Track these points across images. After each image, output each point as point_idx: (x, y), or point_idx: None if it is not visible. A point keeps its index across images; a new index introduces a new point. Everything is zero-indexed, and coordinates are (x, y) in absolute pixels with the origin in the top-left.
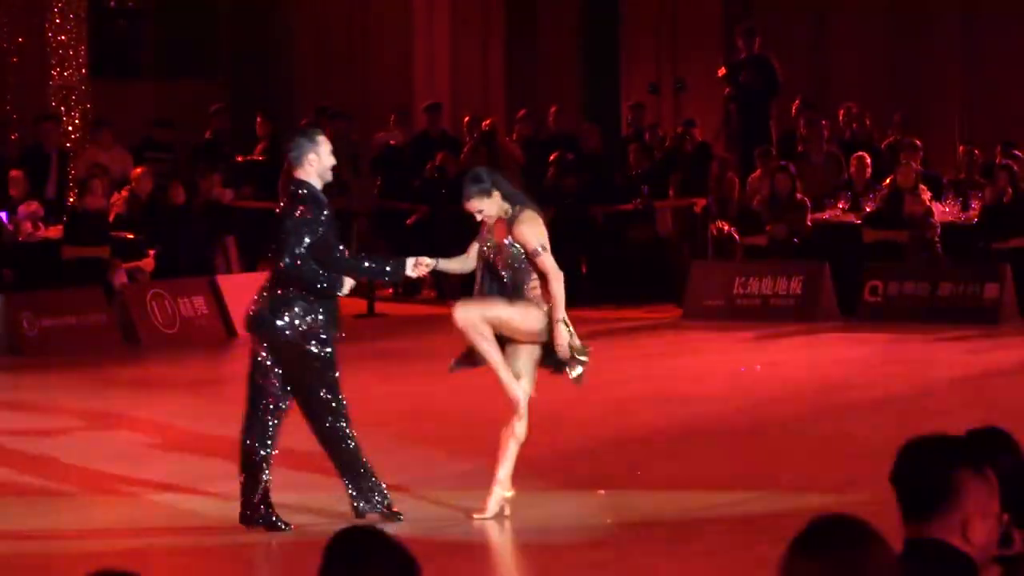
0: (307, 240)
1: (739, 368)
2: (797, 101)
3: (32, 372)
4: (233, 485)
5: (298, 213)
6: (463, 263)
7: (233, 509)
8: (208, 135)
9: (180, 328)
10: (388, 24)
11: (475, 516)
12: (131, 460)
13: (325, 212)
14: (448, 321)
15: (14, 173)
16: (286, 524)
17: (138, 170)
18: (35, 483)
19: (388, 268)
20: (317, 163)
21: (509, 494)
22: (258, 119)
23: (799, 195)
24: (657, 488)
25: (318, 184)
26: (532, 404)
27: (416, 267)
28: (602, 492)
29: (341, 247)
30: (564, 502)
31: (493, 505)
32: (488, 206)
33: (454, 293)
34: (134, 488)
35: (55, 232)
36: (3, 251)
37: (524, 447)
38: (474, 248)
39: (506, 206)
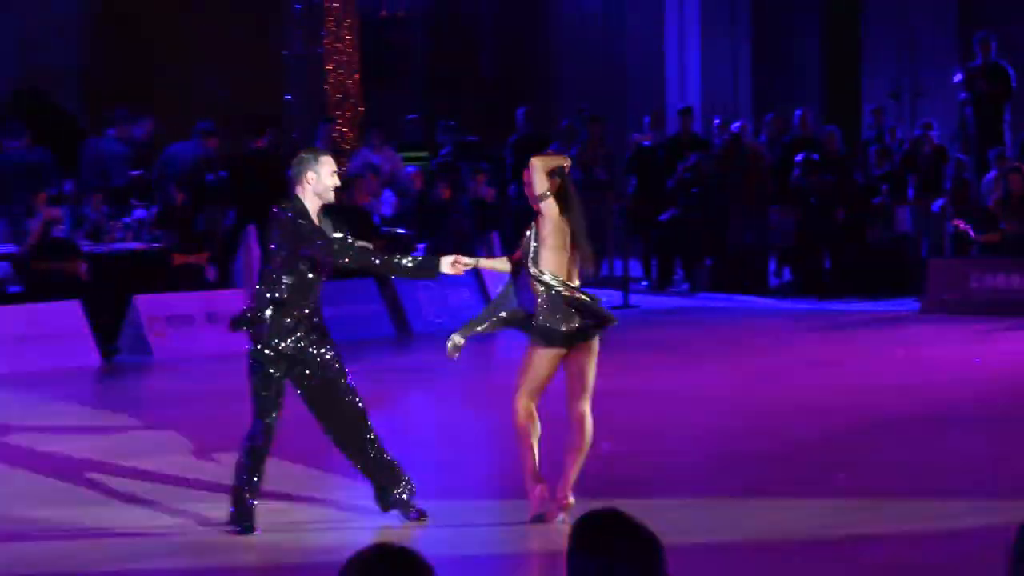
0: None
1: (975, 359)
2: None
3: None
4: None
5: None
6: (504, 264)
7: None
8: (473, 137)
9: (448, 318)
10: (642, 32)
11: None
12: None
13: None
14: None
15: None
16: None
17: (411, 169)
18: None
19: (422, 266)
20: (316, 182)
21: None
22: (518, 117)
23: None
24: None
25: (312, 203)
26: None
27: (453, 265)
28: (841, 475)
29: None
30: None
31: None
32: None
33: (704, 286)
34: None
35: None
36: None
37: (757, 437)
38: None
39: None
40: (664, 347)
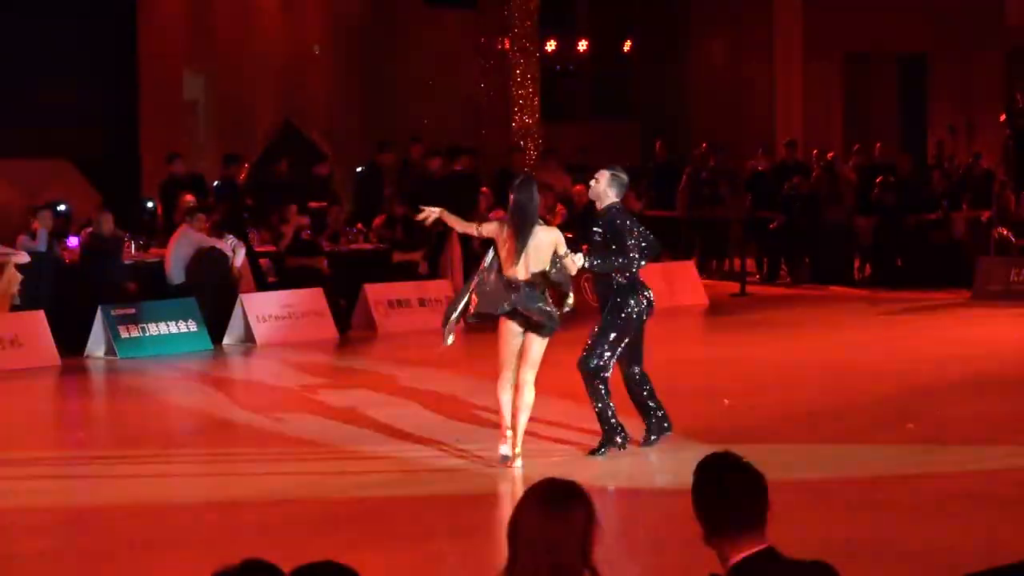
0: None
1: (1015, 336)
2: None
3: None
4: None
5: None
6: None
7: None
8: (627, 162)
9: None
10: (758, 79)
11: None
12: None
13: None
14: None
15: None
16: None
17: (578, 187)
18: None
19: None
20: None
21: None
22: (656, 145)
23: None
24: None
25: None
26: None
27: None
28: (911, 426)
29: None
30: (878, 429)
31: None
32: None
33: (803, 279)
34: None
35: None
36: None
37: (845, 395)
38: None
39: None
40: (772, 325)
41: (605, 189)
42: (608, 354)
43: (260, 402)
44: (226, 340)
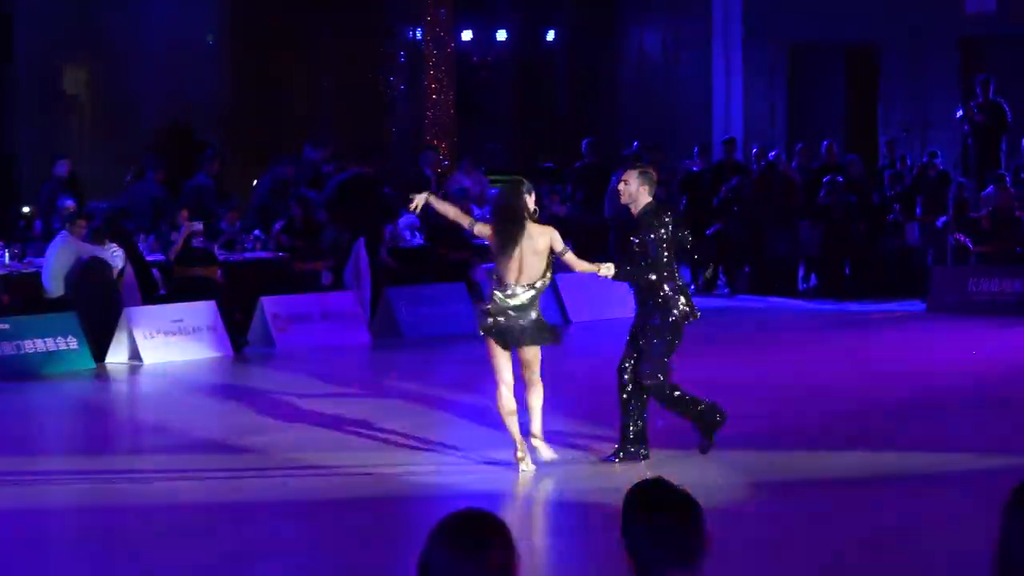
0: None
1: (972, 352)
2: None
3: (407, 350)
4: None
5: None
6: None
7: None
8: (550, 162)
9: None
10: (694, 75)
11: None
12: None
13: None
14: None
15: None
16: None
17: (493, 190)
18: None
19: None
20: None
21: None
22: (583, 145)
23: (1018, 213)
24: (906, 448)
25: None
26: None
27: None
28: (862, 451)
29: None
30: (827, 460)
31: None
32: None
33: (742, 289)
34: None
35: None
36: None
37: (789, 419)
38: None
39: None
40: (708, 341)
41: (637, 189)
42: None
43: (142, 429)
44: (110, 358)
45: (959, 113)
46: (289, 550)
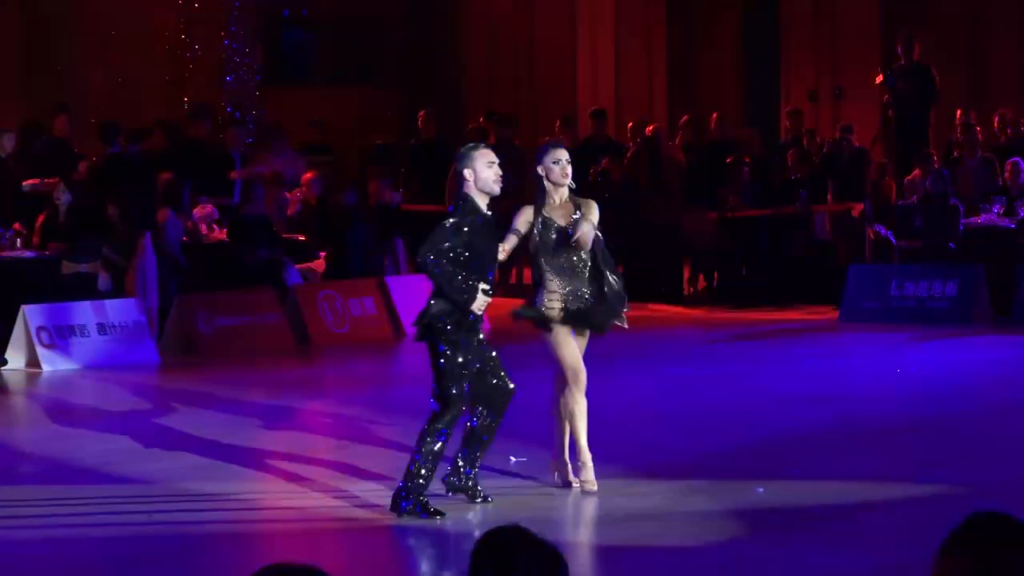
0: (443, 244)
1: (895, 369)
2: (959, 113)
3: (206, 370)
4: (392, 480)
5: (447, 221)
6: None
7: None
8: (381, 140)
9: (350, 328)
10: (553, 31)
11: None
12: (300, 457)
13: (468, 224)
14: None
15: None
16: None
17: (308, 174)
18: (209, 475)
19: (464, 296)
20: (472, 177)
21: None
22: (419, 119)
23: (952, 200)
24: (815, 481)
25: (479, 197)
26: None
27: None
28: (760, 490)
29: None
30: (724, 494)
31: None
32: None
33: None
34: (302, 484)
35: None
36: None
37: (687, 442)
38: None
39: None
40: None
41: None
42: None
43: None
44: None
45: (879, 79)
46: None
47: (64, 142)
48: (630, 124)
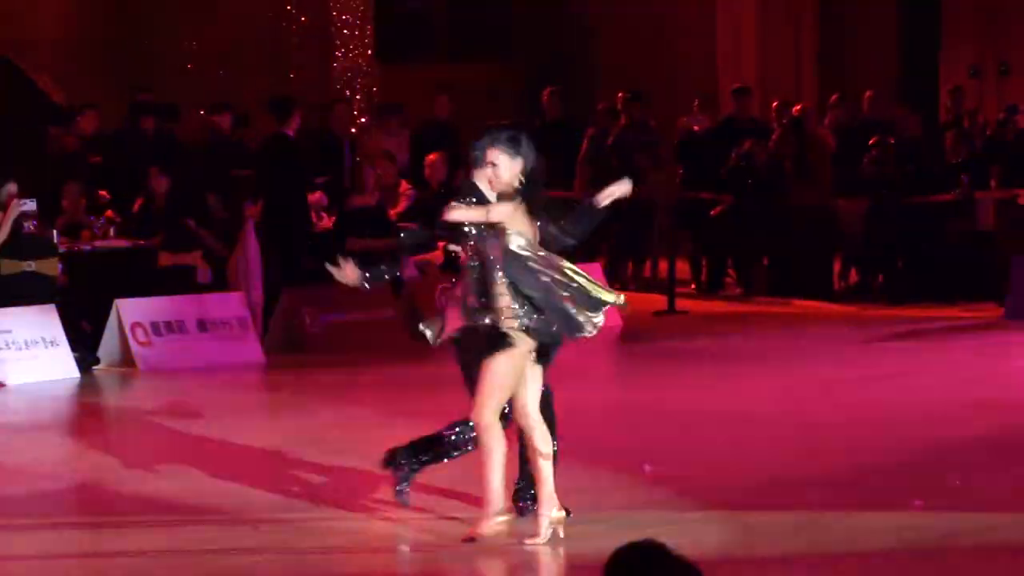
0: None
1: None
2: None
3: (314, 369)
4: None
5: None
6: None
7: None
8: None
9: None
10: (693, 3)
11: (526, 541)
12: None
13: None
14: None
15: None
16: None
17: (432, 156)
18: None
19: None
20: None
21: (559, 514)
22: (544, 97)
23: None
24: (977, 507)
25: (487, 189)
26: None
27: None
28: (919, 502)
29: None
30: (865, 520)
31: (544, 529)
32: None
33: (759, 289)
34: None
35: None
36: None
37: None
38: None
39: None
40: (714, 358)
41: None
42: None
43: None
44: None
45: None
46: None
47: (230, 140)
48: (775, 103)
